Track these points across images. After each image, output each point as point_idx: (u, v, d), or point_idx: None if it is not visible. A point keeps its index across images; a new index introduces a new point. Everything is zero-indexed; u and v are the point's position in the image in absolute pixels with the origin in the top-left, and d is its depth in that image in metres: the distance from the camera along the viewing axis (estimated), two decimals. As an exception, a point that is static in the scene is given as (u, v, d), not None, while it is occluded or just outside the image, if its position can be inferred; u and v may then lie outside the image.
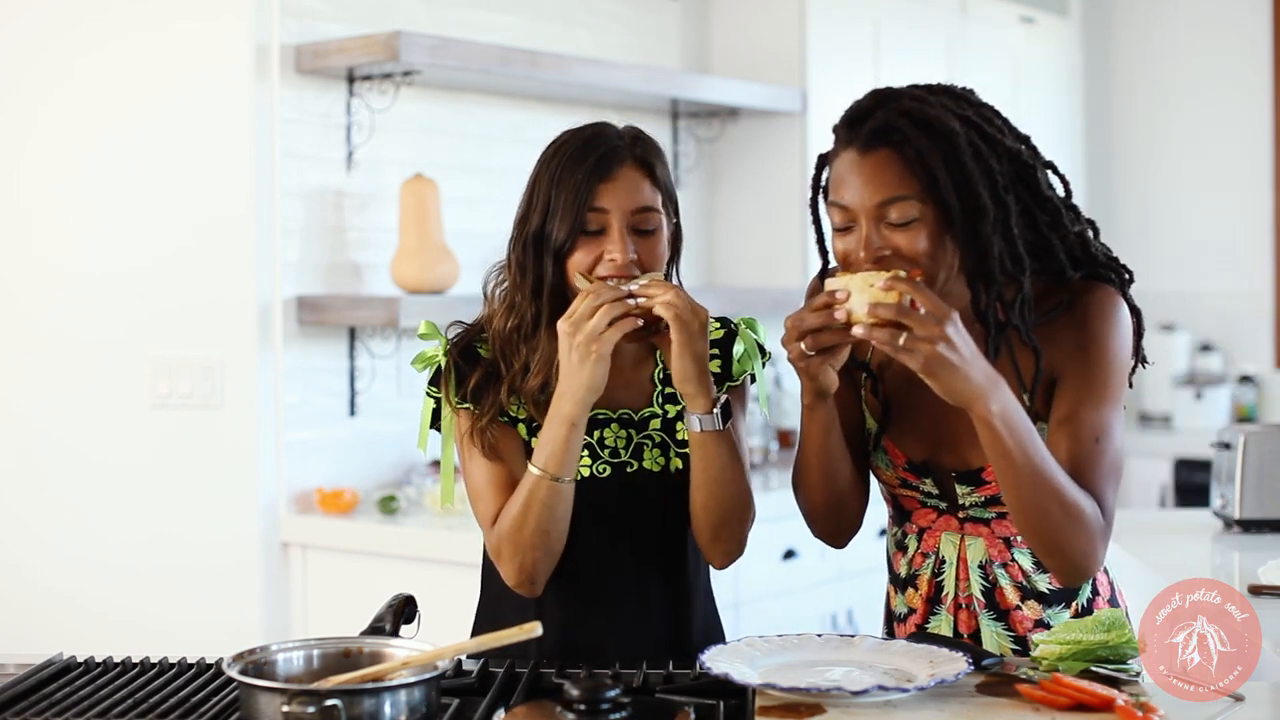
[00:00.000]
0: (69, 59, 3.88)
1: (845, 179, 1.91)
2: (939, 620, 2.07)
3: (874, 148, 1.89)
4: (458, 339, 2.11)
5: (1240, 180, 6.08)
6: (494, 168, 4.18)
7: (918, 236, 1.86)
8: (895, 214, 1.86)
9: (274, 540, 3.73)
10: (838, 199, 1.92)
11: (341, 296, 3.78)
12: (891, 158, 1.87)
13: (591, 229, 2.01)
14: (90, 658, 1.93)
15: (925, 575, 2.08)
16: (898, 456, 2.05)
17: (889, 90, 1.95)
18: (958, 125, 1.87)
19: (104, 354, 3.84)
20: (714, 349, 2.13)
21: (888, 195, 1.87)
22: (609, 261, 2.00)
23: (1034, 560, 2.02)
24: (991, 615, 2.04)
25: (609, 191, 2.00)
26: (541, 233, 2.02)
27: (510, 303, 2.06)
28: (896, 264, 1.86)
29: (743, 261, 4.93)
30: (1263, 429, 3.30)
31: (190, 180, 3.74)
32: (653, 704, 1.71)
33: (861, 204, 1.88)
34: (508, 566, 2.03)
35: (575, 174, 2.01)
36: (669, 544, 2.10)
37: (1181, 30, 6.22)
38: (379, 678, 1.65)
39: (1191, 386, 5.95)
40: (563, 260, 2.02)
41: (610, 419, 2.08)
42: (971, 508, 2.03)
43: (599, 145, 2.03)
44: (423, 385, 2.14)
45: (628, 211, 2.01)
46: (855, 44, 4.94)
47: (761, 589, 3.94)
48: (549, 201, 2.02)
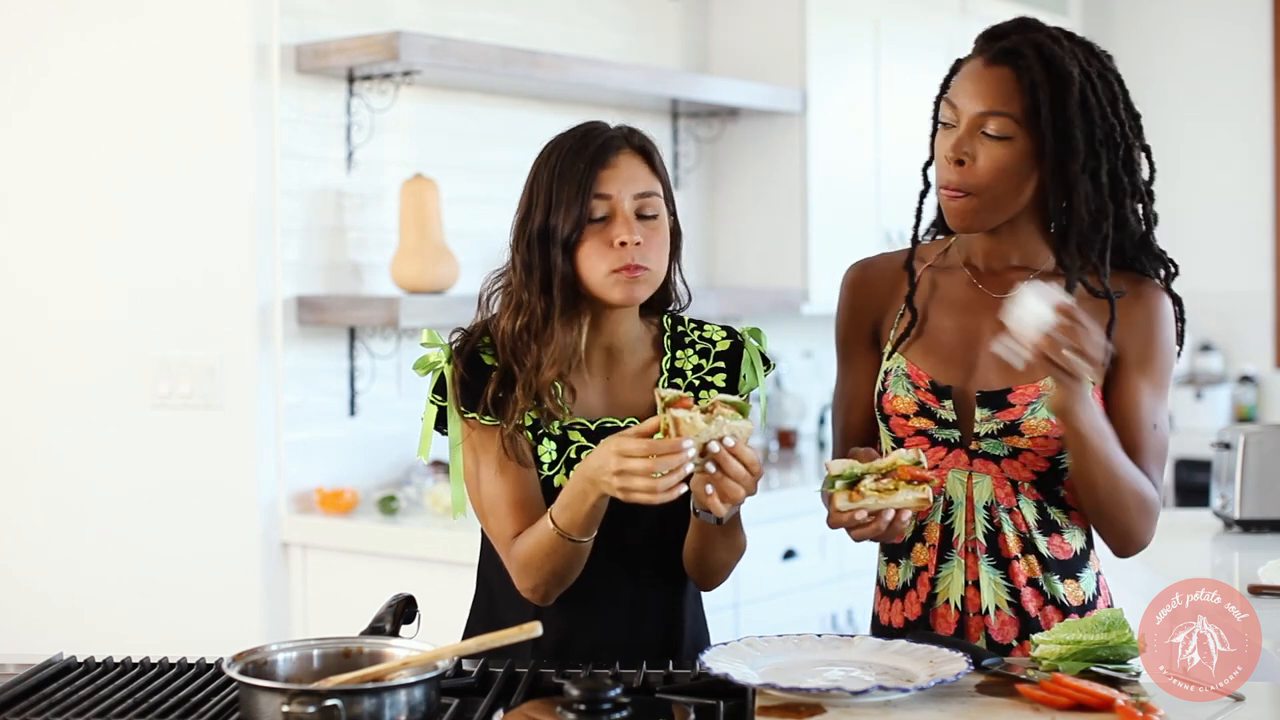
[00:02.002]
0: (69, 58, 3.88)
1: (963, 82, 2.05)
2: (949, 569, 2.07)
3: (996, 63, 2.02)
4: (459, 343, 2.08)
5: (1240, 180, 6.08)
6: (494, 168, 4.18)
7: (1004, 155, 2.00)
8: (993, 126, 2.00)
9: (274, 540, 3.73)
10: (951, 97, 2.06)
11: (341, 296, 3.78)
12: (1008, 76, 2.01)
13: (597, 216, 2.00)
14: (90, 658, 1.92)
15: (934, 522, 2.09)
16: (920, 378, 2.08)
17: (1034, 20, 2.08)
18: (1077, 73, 2.00)
19: (104, 354, 3.84)
20: (719, 360, 2.13)
21: (992, 107, 2.00)
22: (619, 246, 1.99)
23: (1038, 516, 2.05)
24: (991, 562, 2.06)
25: (610, 177, 2.01)
26: (546, 227, 2.01)
27: (517, 302, 2.04)
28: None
29: (743, 261, 4.93)
30: (1263, 429, 3.30)
31: (190, 180, 3.74)
32: (653, 704, 1.71)
33: (967, 108, 2.02)
34: (523, 584, 2.02)
35: (576, 165, 2.00)
36: (664, 548, 2.10)
37: (1181, 30, 6.22)
38: (379, 678, 1.65)
39: (1191, 386, 5.95)
40: (572, 252, 2.01)
41: (618, 426, 2.05)
42: (985, 439, 2.05)
43: (596, 137, 2.04)
44: (424, 387, 2.12)
45: (631, 195, 2.01)
46: (855, 44, 4.94)
47: (761, 589, 3.94)
48: (551, 196, 2.01)
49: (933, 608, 2.09)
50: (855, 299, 2.20)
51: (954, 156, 2.01)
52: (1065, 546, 2.07)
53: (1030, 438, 2.03)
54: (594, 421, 2.05)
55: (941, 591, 2.08)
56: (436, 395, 2.07)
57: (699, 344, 2.14)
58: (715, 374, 2.11)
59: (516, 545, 2.01)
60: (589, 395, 2.07)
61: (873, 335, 2.18)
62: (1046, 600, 2.06)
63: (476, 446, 2.05)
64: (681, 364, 2.12)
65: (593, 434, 2.04)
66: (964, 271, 2.13)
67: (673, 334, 2.14)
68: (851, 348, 2.20)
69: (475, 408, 2.03)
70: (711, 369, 2.12)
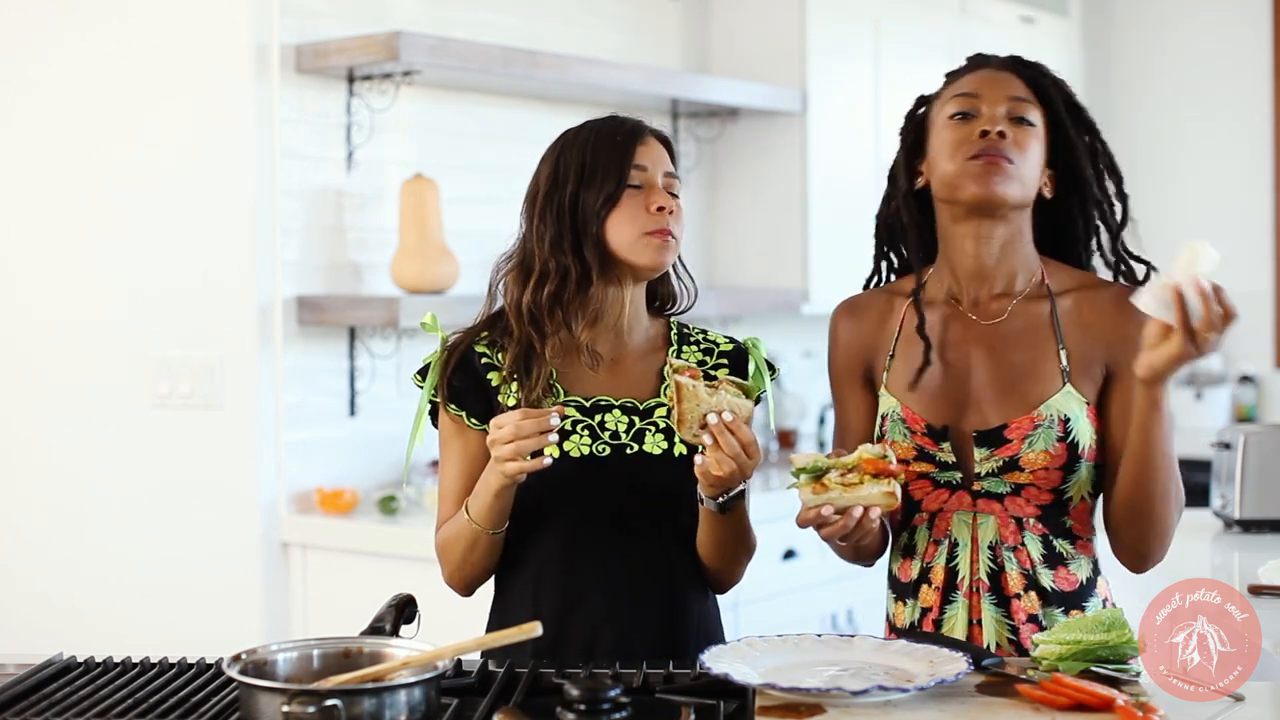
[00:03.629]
0: (69, 58, 3.88)
1: (974, 81, 2.11)
2: (954, 610, 2.07)
3: (1006, 69, 2.12)
4: (456, 340, 2.16)
5: (1240, 180, 6.08)
6: (494, 168, 4.18)
7: (1032, 140, 2.08)
8: (1023, 111, 2.08)
9: (274, 540, 3.73)
10: (964, 90, 2.10)
11: (341, 296, 3.78)
12: (1017, 78, 2.11)
13: (634, 184, 2.09)
14: (90, 658, 1.92)
15: (939, 565, 2.09)
16: (916, 422, 2.08)
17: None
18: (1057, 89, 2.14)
19: (104, 354, 3.84)
20: (723, 357, 2.19)
21: (1020, 94, 2.09)
22: (657, 211, 2.07)
23: (1044, 551, 2.05)
24: (993, 600, 2.06)
25: (645, 153, 2.11)
26: (579, 195, 2.09)
27: (540, 273, 2.09)
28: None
29: (743, 261, 4.93)
30: (1263, 429, 3.30)
31: (190, 180, 3.74)
32: (653, 704, 1.71)
33: (995, 94, 2.08)
34: (444, 571, 2.15)
35: (613, 139, 2.11)
36: (667, 530, 2.11)
37: (1182, 30, 6.22)
38: (379, 678, 1.65)
39: (1191, 386, 5.95)
40: (604, 217, 2.07)
41: (613, 405, 2.10)
42: (987, 478, 2.05)
43: (626, 120, 2.16)
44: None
45: (662, 172, 2.12)
46: (855, 44, 4.94)
47: (761, 589, 3.94)
48: (584, 167, 2.09)
49: None
50: (844, 338, 2.21)
51: (994, 129, 2.05)
52: (1071, 578, 2.07)
53: (1030, 471, 2.03)
54: (589, 399, 2.10)
55: (946, 631, 2.08)
56: (418, 375, 2.15)
57: (704, 344, 2.21)
58: (719, 370, 2.17)
59: (439, 533, 2.14)
60: (590, 378, 2.12)
61: (865, 374, 2.19)
62: None
63: (442, 436, 2.15)
64: (686, 358, 2.17)
65: (586, 410, 2.10)
66: (946, 305, 2.14)
67: (679, 333, 2.21)
68: (845, 387, 2.21)
69: (451, 399, 2.12)
70: (715, 365, 2.18)
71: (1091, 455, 2.04)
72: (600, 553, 2.09)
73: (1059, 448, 2.02)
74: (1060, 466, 2.02)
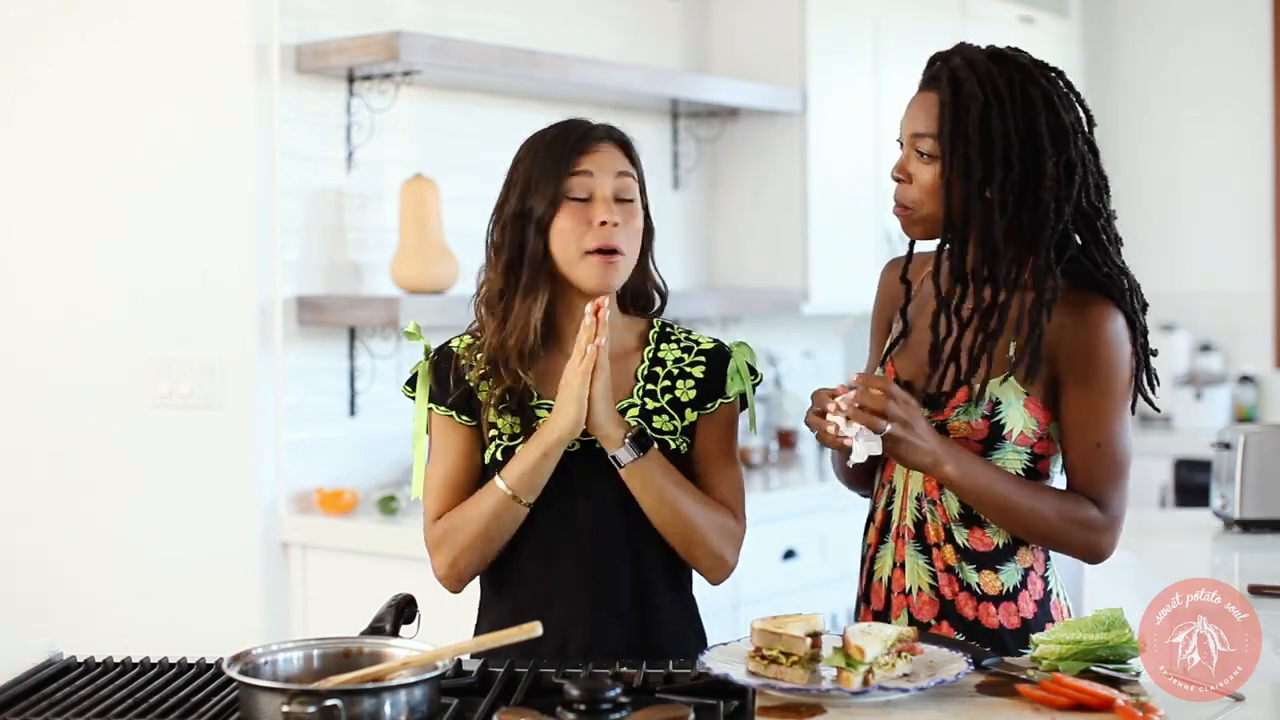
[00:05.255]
0: (69, 58, 3.88)
1: (906, 106, 2.18)
2: (885, 550, 2.19)
3: (925, 88, 2.15)
4: (443, 344, 2.20)
5: (1240, 180, 6.08)
6: (494, 168, 4.10)
7: (932, 173, 2.11)
8: (923, 146, 2.12)
9: (274, 540, 3.73)
10: (901, 120, 2.19)
11: (341, 296, 3.78)
12: (931, 101, 2.13)
13: (576, 195, 2.07)
14: (90, 658, 1.93)
15: (880, 507, 2.22)
16: (890, 374, 2.21)
17: (967, 45, 2.16)
18: (980, 92, 2.08)
19: (104, 354, 3.84)
20: (701, 356, 2.18)
21: (917, 130, 2.14)
22: (599, 225, 2.06)
23: (961, 510, 2.13)
24: (918, 547, 2.16)
25: (591, 159, 2.09)
26: (523, 208, 2.10)
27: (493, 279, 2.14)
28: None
29: (743, 261, 4.93)
30: (1263, 429, 3.30)
31: (190, 180, 3.74)
32: (652, 704, 1.71)
33: (904, 130, 2.17)
34: (441, 560, 2.12)
35: (557, 148, 2.09)
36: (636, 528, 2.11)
37: (1181, 30, 6.22)
38: (379, 678, 1.65)
39: (1191, 386, 5.95)
40: (545, 230, 2.08)
41: None
42: None
43: (578, 127, 2.14)
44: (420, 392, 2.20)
45: (610, 175, 2.09)
46: (855, 44, 4.94)
47: (761, 589, 3.94)
48: (530, 179, 2.10)
49: (871, 585, 2.22)
50: (882, 289, 2.35)
51: (895, 175, 2.16)
52: (986, 540, 2.14)
53: (955, 438, 2.11)
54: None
55: (878, 570, 2.20)
56: (407, 387, 2.18)
57: (685, 342, 2.20)
58: (695, 366, 2.16)
59: (448, 517, 2.11)
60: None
61: (890, 323, 2.31)
62: (961, 587, 2.13)
63: (433, 434, 2.17)
64: (664, 355, 2.17)
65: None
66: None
67: (660, 333, 2.21)
68: (876, 335, 2.36)
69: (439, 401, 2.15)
70: (692, 362, 2.17)
71: (1023, 441, 2.11)
72: (571, 552, 2.10)
73: (981, 424, 2.10)
74: (980, 440, 2.10)
